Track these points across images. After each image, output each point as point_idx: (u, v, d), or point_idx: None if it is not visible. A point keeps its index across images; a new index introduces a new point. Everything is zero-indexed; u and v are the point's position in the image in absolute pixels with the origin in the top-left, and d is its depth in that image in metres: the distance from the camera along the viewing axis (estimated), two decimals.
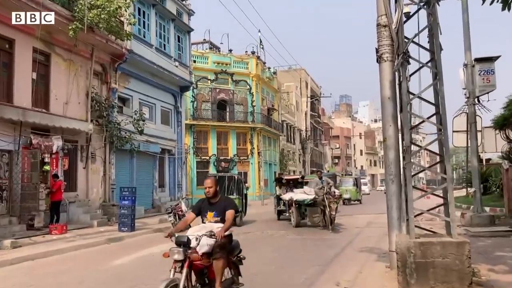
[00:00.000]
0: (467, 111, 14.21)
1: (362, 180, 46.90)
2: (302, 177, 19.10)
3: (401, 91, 6.75)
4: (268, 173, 40.79)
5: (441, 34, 6.40)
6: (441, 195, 6.76)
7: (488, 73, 12.97)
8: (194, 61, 34.35)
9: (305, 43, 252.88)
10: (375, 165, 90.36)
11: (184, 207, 16.28)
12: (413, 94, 6.77)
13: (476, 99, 13.34)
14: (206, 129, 34.82)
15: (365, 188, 48.00)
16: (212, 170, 34.78)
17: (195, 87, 33.90)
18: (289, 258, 9.35)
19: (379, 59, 7.86)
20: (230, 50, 37.34)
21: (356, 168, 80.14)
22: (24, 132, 14.15)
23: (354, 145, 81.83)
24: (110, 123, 18.28)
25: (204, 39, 38.35)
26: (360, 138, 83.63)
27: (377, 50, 7.95)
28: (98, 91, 18.25)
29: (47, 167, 15.41)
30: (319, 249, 10.53)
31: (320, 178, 14.92)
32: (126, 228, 14.57)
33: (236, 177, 18.30)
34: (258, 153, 37.55)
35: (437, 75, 6.48)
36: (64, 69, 16.53)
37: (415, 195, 6.47)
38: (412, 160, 6.70)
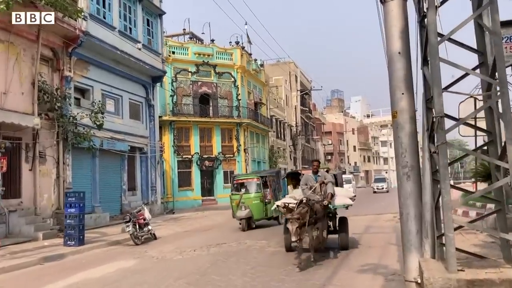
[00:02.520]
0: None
1: (345, 177, 38.00)
2: (327, 169, 12.42)
3: (425, 31, 4.22)
4: None
5: None
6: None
7: None
8: (173, 52, 31.76)
9: (293, 36, 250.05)
10: (369, 161, 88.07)
11: (147, 215, 13.62)
12: (442, 36, 4.25)
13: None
14: (187, 125, 32.06)
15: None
16: (195, 169, 32.21)
17: (174, 80, 31.30)
18: (263, 286, 6.81)
19: None
20: (212, 40, 34.58)
21: (350, 164, 77.76)
22: None
23: (347, 141, 79.33)
24: (63, 117, 15.62)
25: (184, 29, 35.59)
26: (353, 133, 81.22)
27: None
28: (47, 80, 15.60)
29: None
30: (304, 268, 7.96)
31: (316, 172, 9.68)
32: (73, 242, 11.99)
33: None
34: (244, 150, 34.87)
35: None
36: (1, 52, 13.91)
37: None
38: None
